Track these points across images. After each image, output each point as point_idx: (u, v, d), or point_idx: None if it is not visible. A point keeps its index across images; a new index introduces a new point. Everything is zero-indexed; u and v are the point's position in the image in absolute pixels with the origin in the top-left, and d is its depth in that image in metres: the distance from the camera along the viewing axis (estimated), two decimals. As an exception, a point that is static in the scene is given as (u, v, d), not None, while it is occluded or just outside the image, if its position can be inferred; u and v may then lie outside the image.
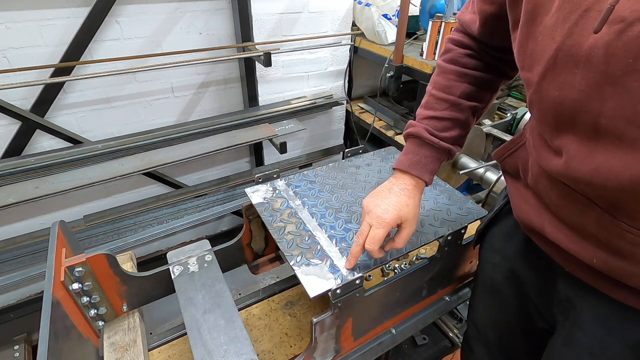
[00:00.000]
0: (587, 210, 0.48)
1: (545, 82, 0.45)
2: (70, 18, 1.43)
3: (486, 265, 0.77)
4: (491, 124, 1.54)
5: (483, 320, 0.81)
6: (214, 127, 1.80)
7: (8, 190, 1.42)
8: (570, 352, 0.57)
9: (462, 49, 0.69)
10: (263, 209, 0.85)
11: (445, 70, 0.70)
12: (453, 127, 0.69)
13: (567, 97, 0.42)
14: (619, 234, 0.45)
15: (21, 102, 1.49)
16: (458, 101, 0.68)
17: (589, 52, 0.39)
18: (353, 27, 2.12)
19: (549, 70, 0.44)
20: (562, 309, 0.60)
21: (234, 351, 0.64)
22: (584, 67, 0.40)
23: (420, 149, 0.69)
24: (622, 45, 0.36)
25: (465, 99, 0.69)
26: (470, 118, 0.71)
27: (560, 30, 0.41)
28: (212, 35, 1.76)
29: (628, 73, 0.36)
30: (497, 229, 0.75)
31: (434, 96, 0.70)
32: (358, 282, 0.67)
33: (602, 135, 0.41)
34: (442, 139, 0.69)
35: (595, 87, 0.39)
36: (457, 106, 0.69)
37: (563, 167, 0.47)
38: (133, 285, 0.79)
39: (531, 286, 0.67)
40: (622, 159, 0.39)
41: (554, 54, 0.42)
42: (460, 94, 0.68)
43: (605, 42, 0.37)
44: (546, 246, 0.59)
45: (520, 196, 0.63)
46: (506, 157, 0.67)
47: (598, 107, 0.40)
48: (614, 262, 0.48)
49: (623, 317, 0.52)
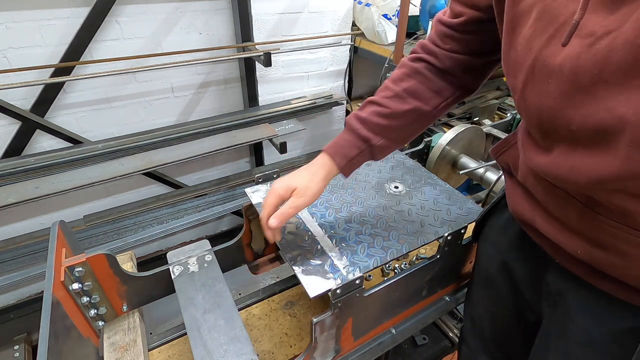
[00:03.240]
0: (569, 204, 0.50)
1: (527, 90, 0.48)
2: (70, 18, 1.43)
3: (482, 257, 0.79)
4: (491, 124, 1.54)
5: (478, 313, 0.82)
6: (214, 127, 1.80)
7: (8, 190, 1.42)
8: (561, 344, 0.59)
9: (425, 53, 0.69)
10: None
11: (403, 65, 0.71)
12: (384, 116, 0.66)
13: (545, 104, 0.45)
14: (598, 226, 0.47)
15: (21, 102, 1.49)
16: (401, 94, 0.67)
17: (561, 63, 0.41)
18: (353, 27, 2.12)
19: (529, 79, 0.47)
20: (552, 301, 0.61)
21: (234, 351, 0.64)
22: (557, 78, 0.42)
23: (344, 133, 0.69)
24: (591, 56, 0.38)
25: (409, 95, 0.67)
26: (409, 116, 0.67)
27: (538, 42, 0.44)
28: (212, 35, 1.76)
29: (595, 83, 0.39)
30: (493, 222, 0.77)
31: (384, 85, 0.70)
32: (358, 282, 0.67)
33: (576, 139, 0.44)
34: (366, 125, 0.66)
35: (567, 96, 0.42)
36: (398, 98, 0.67)
37: (546, 165, 0.50)
38: (133, 285, 0.79)
39: (522, 279, 0.68)
40: (593, 160, 0.42)
41: (532, 63, 0.45)
42: (405, 88, 0.67)
43: (576, 53, 0.39)
44: (538, 238, 0.61)
45: (514, 191, 0.64)
46: (500, 155, 0.69)
47: (570, 115, 0.42)
48: (596, 254, 0.50)
49: (608, 308, 0.53)
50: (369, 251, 0.74)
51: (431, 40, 0.68)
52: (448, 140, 1.21)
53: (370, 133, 0.66)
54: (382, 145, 0.68)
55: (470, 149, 1.31)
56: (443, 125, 1.93)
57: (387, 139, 0.68)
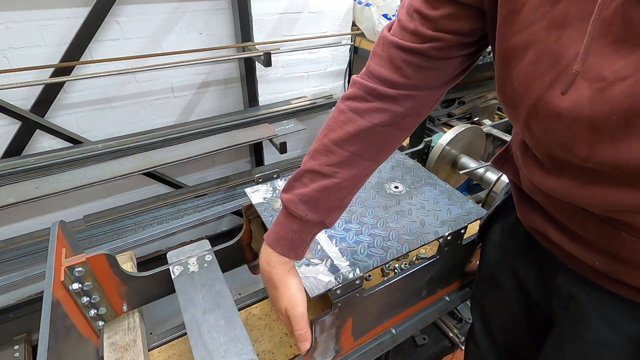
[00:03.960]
0: (587, 220, 0.49)
1: (532, 123, 0.45)
2: (70, 18, 1.43)
3: (488, 261, 0.78)
4: (491, 124, 1.54)
5: (488, 314, 0.82)
6: (214, 127, 1.80)
7: (8, 190, 1.42)
8: (577, 347, 0.58)
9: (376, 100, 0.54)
10: (263, 209, 0.85)
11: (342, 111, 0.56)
12: (337, 190, 0.56)
13: (553, 140, 0.43)
14: (620, 242, 0.46)
15: (21, 102, 1.49)
16: (349, 159, 0.56)
17: (570, 107, 0.38)
18: (353, 27, 2.12)
19: (532, 115, 0.44)
20: (564, 304, 0.60)
21: (234, 351, 0.64)
22: (567, 120, 0.40)
23: (288, 221, 0.58)
24: (604, 102, 0.36)
25: (359, 157, 0.56)
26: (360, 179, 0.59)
27: (538, 84, 0.41)
28: (212, 35, 1.76)
29: (613, 127, 0.36)
30: (498, 225, 0.76)
31: (323, 143, 0.56)
32: (358, 282, 0.67)
33: (593, 172, 0.41)
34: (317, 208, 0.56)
35: (580, 136, 0.39)
36: (346, 164, 0.56)
37: (557, 188, 0.47)
38: (133, 285, 0.79)
39: (531, 282, 0.67)
40: (615, 192, 0.40)
41: (534, 103, 0.42)
42: (354, 152, 0.56)
43: (587, 98, 0.37)
44: (549, 245, 0.60)
45: (523, 202, 0.63)
46: (501, 167, 0.68)
47: (586, 153, 0.40)
48: (615, 266, 0.49)
49: (625, 312, 0.52)
50: (369, 251, 0.74)
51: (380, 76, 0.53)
52: (448, 140, 1.21)
53: (324, 214, 0.57)
54: (336, 217, 0.61)
55: (470, 149, 1.31)
56: (443, 125, 1.93)
57: (341, 210, 0.61)
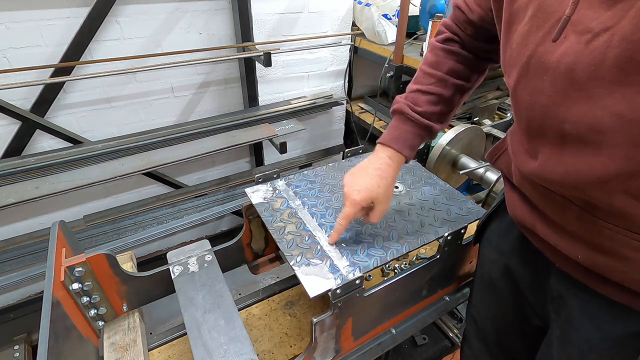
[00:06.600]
0: (567, 209, 0.50)
1: (520, 87, 0.47)
2: (70, 18, 1.43)
3: (484, 261, 0.78)
4: (491, 124, 1.54)
5: (481, 315, 0.82)
6: (214, 127, 1.80)
7: (8, 190, 1.42)
8: (563, 349, 0.58)
9: (451, 33, 0.72)
10: (263, 209, 0.85)
11: (436, 47, 0.73)
12: (436, 103, 0.71)
13: (537, 102, 0.45)
14: (598, 231, 0.47)
15: (21, 102, 1.49)
16: (444, 77, 0.70)
17: (558, 59, 0.41)
18: (353, 27, 2.12)
19: (522, 76, 0.46)
20: (556, 306, 0.60)
21: (234, 351, 0.64)
22: (552, 74, 0.42)
23: (401, 124, 0.72)
24: (588, 53, 0.38)
25: (451, 76, 0.71)
26: (456, 96, 0.73)
27: (533, 38, 0.44)
28: (212, 35, 1.76)
29: (591, 80, 0.38)
30: (494, 226, 0.76)
31: (423, 71, 0.73)
32: (358, 282, 0.67)
33: (568, 139, 0.43)
34: (423, 114, 0.70)
35: (561, 93, 0.41)
36: (443, 82, 0.71)
37: (538, 170, 0.49)
38: (133, 285, 0.79)
39: (525, 283, 0.68)
40: (588, 161, 0.41)
41: (527, 60, 0.45)
42: (446, 71, 0.70)
43: (574, 50, 0.39)
44: (538, 242, 0.61)
45: (512, 196, 0.64)
46: (495, 161, 0.70)
47: (563, 113, 0.42)
48: (596, 258, 0.49)
49: (610, 313, 0.53)
50: (369, 251, 0.74)
51: (454, 22, 0.71)
52: (448, 140, 1.21)
53: (430, 121, 0.71)
54: (439, 129, 0.73)
55: (470, 149, 1.31)
56: (443, 125, 1.93)
57: (443, 124, 0.74)
